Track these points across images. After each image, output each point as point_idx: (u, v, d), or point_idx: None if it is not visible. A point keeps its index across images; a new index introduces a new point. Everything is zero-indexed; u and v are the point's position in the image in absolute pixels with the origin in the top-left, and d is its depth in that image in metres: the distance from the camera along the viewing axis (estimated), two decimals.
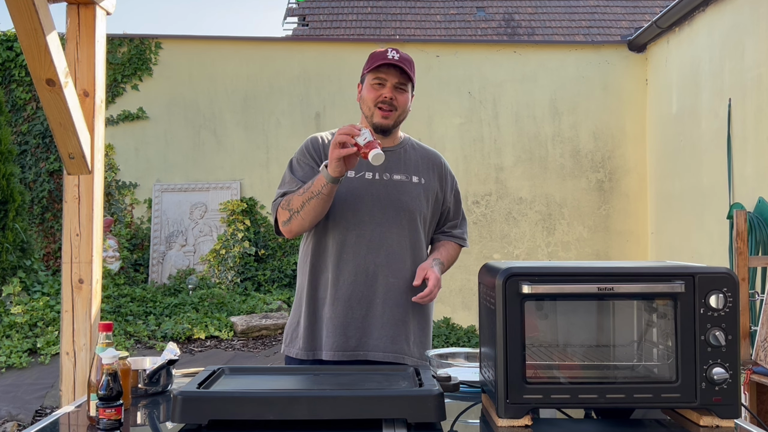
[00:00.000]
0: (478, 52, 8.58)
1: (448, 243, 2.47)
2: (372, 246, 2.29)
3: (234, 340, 6.46)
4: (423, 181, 2.39)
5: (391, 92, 2.30)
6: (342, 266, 2.30)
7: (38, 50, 2.95)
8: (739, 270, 4.02)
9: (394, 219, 2.32)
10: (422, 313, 2.39)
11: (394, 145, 2.41)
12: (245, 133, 8.23)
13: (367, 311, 2.29)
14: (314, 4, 11.44)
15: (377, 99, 2.31)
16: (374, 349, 2.29)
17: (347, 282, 2.29)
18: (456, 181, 2.52)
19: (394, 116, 2.33)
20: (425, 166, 2.43)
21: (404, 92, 2.33)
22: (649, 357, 1.68)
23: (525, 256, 8.24)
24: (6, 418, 4.97)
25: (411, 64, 2.34)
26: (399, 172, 2.37)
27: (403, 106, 2.34)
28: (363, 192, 2.32)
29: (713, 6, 6.58)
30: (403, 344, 2.31)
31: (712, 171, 6.53)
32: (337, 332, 2.28)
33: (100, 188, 3.51)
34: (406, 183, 2.36)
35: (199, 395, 1.56)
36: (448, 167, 2.50)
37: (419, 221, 2.36)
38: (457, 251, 2.48)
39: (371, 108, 2.32)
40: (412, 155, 2.43)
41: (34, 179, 8.07)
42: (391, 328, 2.30)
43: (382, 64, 2.28)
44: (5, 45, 8.13)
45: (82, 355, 3.40)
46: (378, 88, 2.31)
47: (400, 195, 2.34)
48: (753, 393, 3.70)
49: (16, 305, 6.45)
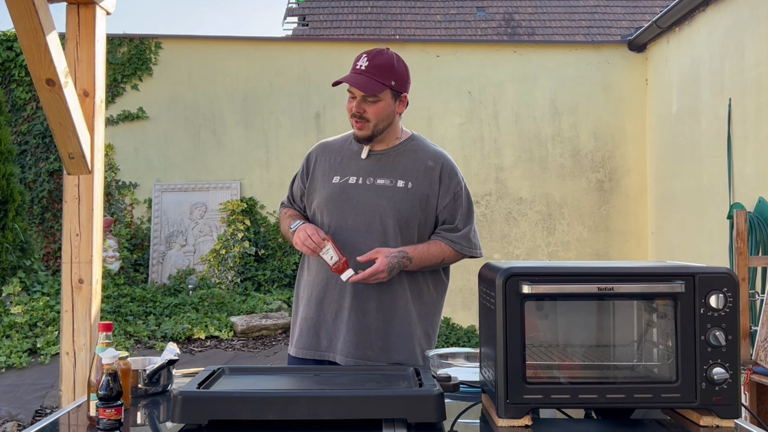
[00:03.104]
0: (478, 52, 8.58)
1: (435, 242, 2.33)
2: (344, 251, 2.24)
3: (234, 340, 6.46)
4: (410, 185, 2.30)
5: (358, 106, 2.25)
6: (317, 269, 2.34)
7: (38, 50, 2.95)
8: (739, 270, 4.02)
9: (369, 224, 2.28)
10: (396, 320, 2.30)
11: (388, 147, 2.36)
12: (245, 133, 8.23)
13: (336, 314, 2.31)
14: (314, 4, 11.43)
15: (351, 111, 2.29)
16: (340, 352, 2.29)
17: (320, 285, 2.33)
18: (459, 185, 2.37)
19: (369, 127, 2.27)
20: (417, 170, 2.32)
21: (375, 102, 2.24)
22: (649, 357, 1.68)
23: (525, 256, 8.24)
24: (6, 418, 4.97)
25: (382, 69, 2.23)
26: (384, 176, 2.31)
27: (376, 116, 2.25)
28: (342, 197, 2.32)
29: (713, 6, 6.58)
30: (367, 350, 2.27)
31: (712, 171, 6.53)
32: (310, 332, 2.34)
33: (100, 188, 3.51)
34: (389, 188, 2.30)
35: (199, 395, 1.56)
36: (449, 171, 2.37)
37: (398, 225, 2.28)
38: (442, 251, 2.31)
39: (350, 119, 2.32)
40: (407, 159, 2.34)
41: (34, 179, 8.07)
42: (355, 335, 2.27)
43: (345, 79, 2.24)
44: (5, 45, 8.13)
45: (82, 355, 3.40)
46: (351, 100, 2.29)
47: (379, 200, 2.28)
48: (753, 393, 3.70)
49: (16, 305, 6.45)
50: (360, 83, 2.22)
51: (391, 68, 2.26)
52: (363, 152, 2.35)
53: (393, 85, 2.25)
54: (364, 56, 2.25)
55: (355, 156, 2.36)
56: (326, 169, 2.39)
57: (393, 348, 2.30)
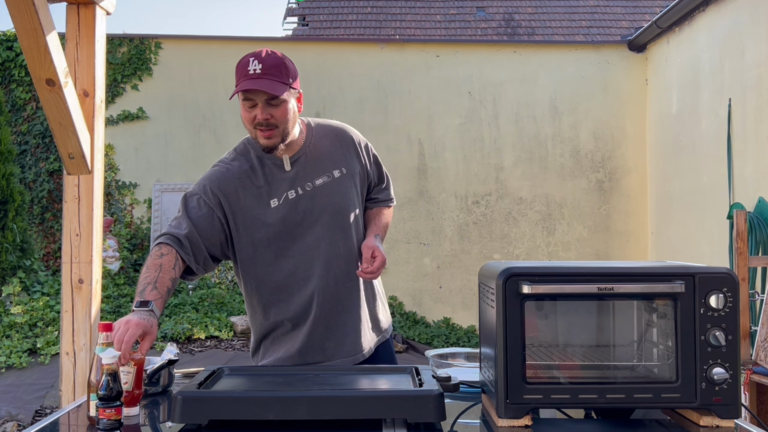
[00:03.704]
0: (478, 52, 8.58)
1: (379, 210, 2.36)
2: (322, 264, 2.17)
3: (234, 340, 6.46)
4: (344, 170, 2.22)
5: (263, 113, 2.05)
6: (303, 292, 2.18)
7: (38, 50, 2.95)
8: (739, 270, 4.02)
9: (331, 226, 2.18)
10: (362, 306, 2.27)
11: (300, 147, 2.20)
12: (245, 133, 8.20)
13: (336, 322, 2.21)
14: (314, 4, 11.43)
15: (253, 121, 2.07)
16: (349, 354, 2.24)
17: (315, 305, 2.18)
18: (369, 145, 2.34)
19: (278, 133, 2.08)
20: (340, 152, 2.24)
21: (280, 104, 2.06)
22: (649, 357, 1.68)
23: (525, 256, 8.23)
24: (6, 418, 4.97)
25: (278, 68, 2.05)
26: (318, 174, 2.19)
27: (283, 119, 2.07)
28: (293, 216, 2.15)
29: (713, 6, 6.58)
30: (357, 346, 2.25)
31: (712, 171, 6.53)
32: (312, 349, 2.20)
33: (100, 188, 3.51)
34: (330, 183, 2.19)
35: (199, 395, 1.56)
36: (359, 136, 2.31)
37: (355, 213, 2.24)
38: (389, 215, 2.40)
39: (252, 130, 2.11)
40: (323, 147, 2.23)
41: (34, 179, 8.07)
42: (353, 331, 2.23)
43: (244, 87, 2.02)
44: (5, 45, 8.13)
45: (82, 355, 3.40)
46: (250, 110, 2.07)
47: (330, 198, 2.18)
48: (753, 393, 3.70)
49: (16, 305, 6.45)
50: (267, 86, 2.01)
51: (286, 66, 2.09)
52: (285, 164, 2.16)
53: (292, 83, 2.10)
54: (252, 59, 2.04)
55: (277, 172, 2.17)
56: (251, 201, 2.14)
57: (380, 324, 2.33)
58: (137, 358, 1.74)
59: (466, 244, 8.23)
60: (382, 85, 8.25)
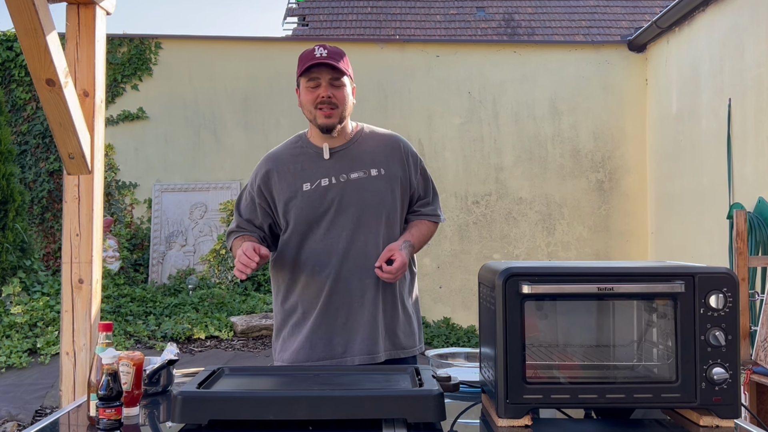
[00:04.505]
0: (478, 52, 8.58)
1: (420, 222, 2.41)
2: (340, 254, 2.26)
3: (234, 340, 6.46)
4: (383, 171, 2.32)
5: (327, 90, 2.24)
6: (316, 278, 2.27)
7: (38, 50, 2.95)
8: (739, 270, 4.02)
9: (356, 220, 2.27)
10: (394, 305, 2.33)
11: (346, 141, 2.34)
12: (245, 133, 8.23)
13: (347, 317, 2.27)
14: (314, 4, 11.43)
15: (315, 100, 2.24)
16: (359, 353, 2.27)
17: (324, 293, 2.27)
18: (420, 159, 2.44)
19: (338, 113, 2.25)
20: (383, 155, 2.35)
21: (341, 87, 2.26)
22: (649, 357, 1.68)
23: (525, 256, 8.24)
24: (6, 418, 4.97)
25: (341, 56, 2.27)
26: (356, 169, 2.30)
27: (343, 101, 2.26)
28: (322, 201, 2.27)
29: (713, 6, 6.58)
30: (375, 344, 2.28)
31: (712, 171, 6.53)
32: (322, 342, 2.28)
33: (100, 188, 3.51)
34: (364, 179, 2.29)
35: (199, 395, 1.56)
36: (409, 147, 2.42)
37: (385, 213, 2.30)
38: (430, 228, 2.43)
39: (312, 111, 2.26)
40: (367, 147, 2.35)
41: (34, 179, 8.07)
42: (367, 328, 2.27)
43: (312, 64, 2.22)
44: (5, 45, 8.13)
45: (82, 355, 3.40)
46: (314, 90, 2.25)
47: (359, 193, 2.28)
48: (753, 393, 3.70)
49: (16, 305, 6.45)
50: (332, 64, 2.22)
51: (345, 57, 2.31)
52: (325, 153, 2.31)
53: (350, 73, 2.31)
54: (318, 47, 2.25)
55: (317, 158, 2.32)
56: (289, 180, 2.31)
57: (396, 333, 2.33)
58: (137, 358, 1.74)
59: (466, 244, 8.23)
60: (382, 85, 8.25)
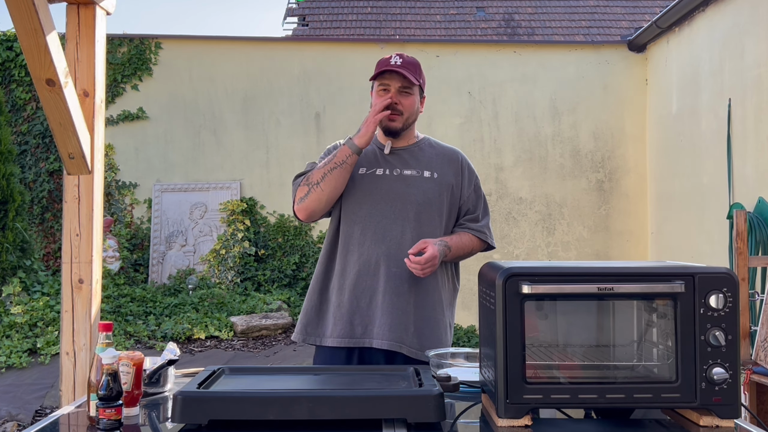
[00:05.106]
0: (478, 52, 8.58)
1: (464, 233, 2.51)
2: (376, 238, 2.39)
3: (234, 340, 6.46)
4: (436, 175, 2.47)
5: (395, 97, 2.41)
6: (349, 257, 2.41)
7: (38, 50, 2.95)
8: (739, 270, 4.02)
9: (399, 211, 2.40)
10: (427, 305, 2.42)
11: (408, 144, 2.53)
12: (245, 133, 8.23)
13: (370, 300, 2.37)
14: (314, 4, 11.43)
15: (382, 105, 2.40)
16: (376, 336, 2.35)
17: (352, 272, 2.40)
18: (477, 177, 2.59)
19: (402, 119, 2.44)
20: (440, 162, 2.51)
21: (409, 95, 2.44)
22: (649, 357, 1.68)
23: (525, 256, 8.23)
24: (6, 418, 4.97)
25: (415, 67, 2.44)
26: (411, 167, 2.47)
27: (409, 108, 2.45)
28: (372, 187, 2.43)
29: (713, 6, 6.58)
30: (401, 333, 2.35)
31: (712, 171, 6.53)
32: (344, 320, 2.38)
33: (100, 188, 3.51)
34: (416, 177, 2.45)
35: (199, 395, 1.56)
36: (467, 162, 2.57)
37: (429, 213, 2.43)
38: (471, 241, 2.51)
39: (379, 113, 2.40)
40: (428, 153, 2.53)
41: (34, 179, 8.07)
42: (390, 317, 2.35)
43: (384, 70, 2.40)
44: (5, 45, 8.13)
45: (82, 355, 3.39)
46: (383, 94, 2.43)
47: (408, 188, 2.43)
48: (753, 393, 3.70)
49: (16, 305, 6.45)
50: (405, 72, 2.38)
51: (419, 68, 2.48)
52: (386, 148, 2.49)
53: (421, 84, 2.47)
54: (395, 55, 2.43)
55: (378, 152, 2.51)
56: None
57: (425, 334, 2.39)
58: (137, 358, 1.75)
59: None
60: None
